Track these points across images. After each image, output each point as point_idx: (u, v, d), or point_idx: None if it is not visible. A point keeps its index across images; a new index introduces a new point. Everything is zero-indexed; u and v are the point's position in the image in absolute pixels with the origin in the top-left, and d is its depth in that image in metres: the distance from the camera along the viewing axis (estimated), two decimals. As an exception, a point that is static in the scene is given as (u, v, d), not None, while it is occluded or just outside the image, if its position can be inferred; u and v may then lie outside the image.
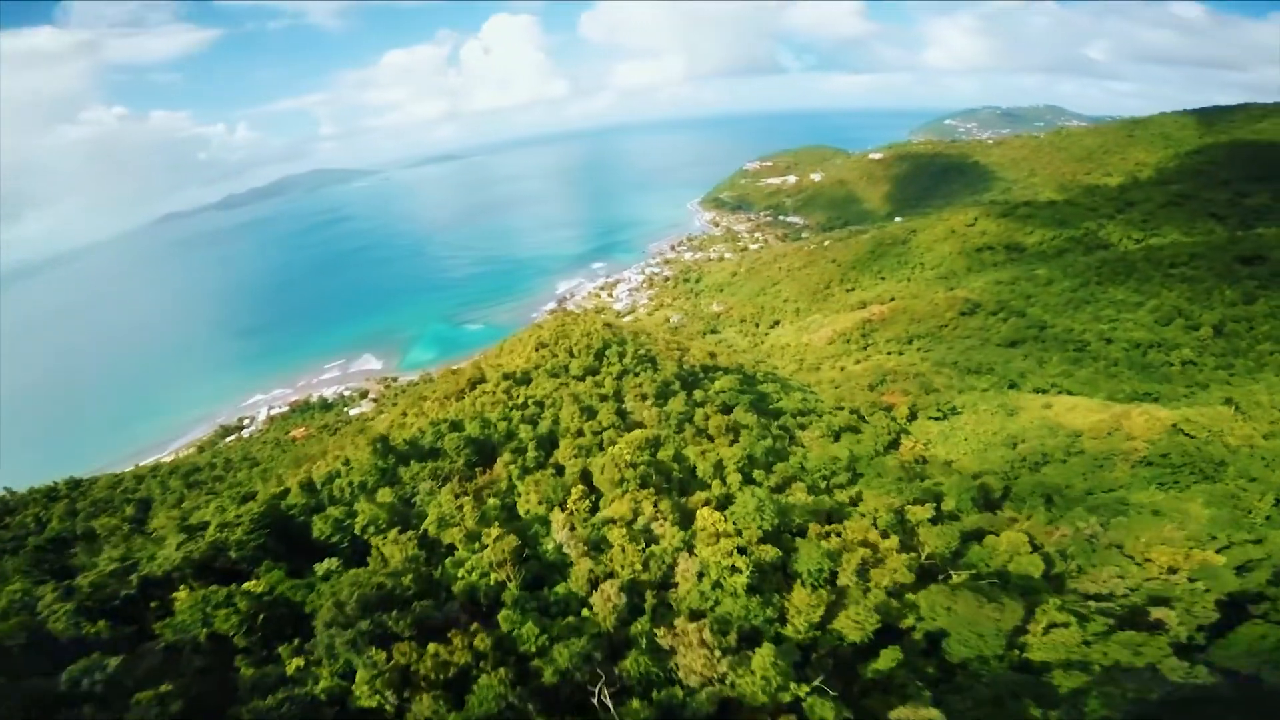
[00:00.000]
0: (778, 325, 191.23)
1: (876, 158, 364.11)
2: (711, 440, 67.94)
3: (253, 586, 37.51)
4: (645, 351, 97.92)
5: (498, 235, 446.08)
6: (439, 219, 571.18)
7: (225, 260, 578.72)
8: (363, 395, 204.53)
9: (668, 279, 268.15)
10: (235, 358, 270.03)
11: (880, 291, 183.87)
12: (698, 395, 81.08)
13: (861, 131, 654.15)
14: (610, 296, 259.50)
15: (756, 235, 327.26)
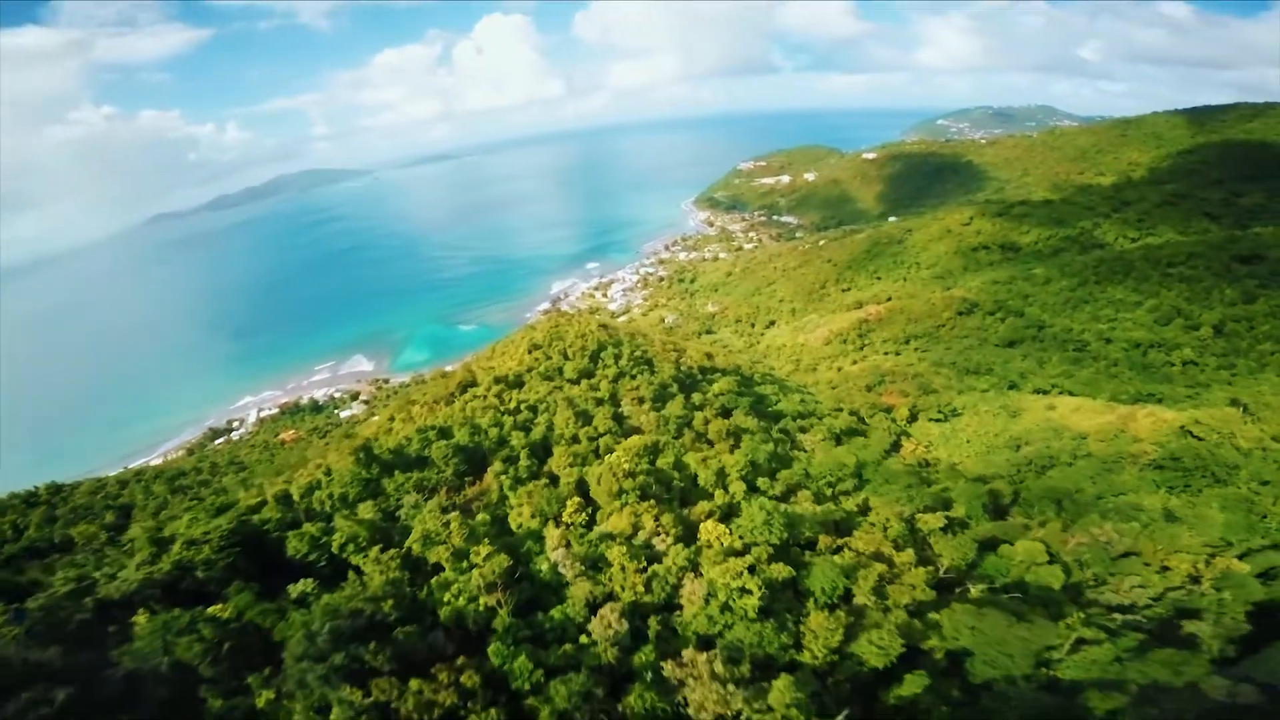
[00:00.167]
0: (773, 325, 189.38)
1: (870, 157, 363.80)
2: (712, 445, 65.48)
3: (219, 611, 34.48)
4: (641, 353, 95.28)
5: (492, 235, 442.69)
6: (433, 219, 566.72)
7: (216, 261, 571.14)
8: (354, 397, 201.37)
9: (662, 279, 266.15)
10: (226, 359, 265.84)
11: (876, 291, 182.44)
12: (696, 398, 78.73)
13: (855, 131, 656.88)
14: (605, 297, 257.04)
15: (751, 235, 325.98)
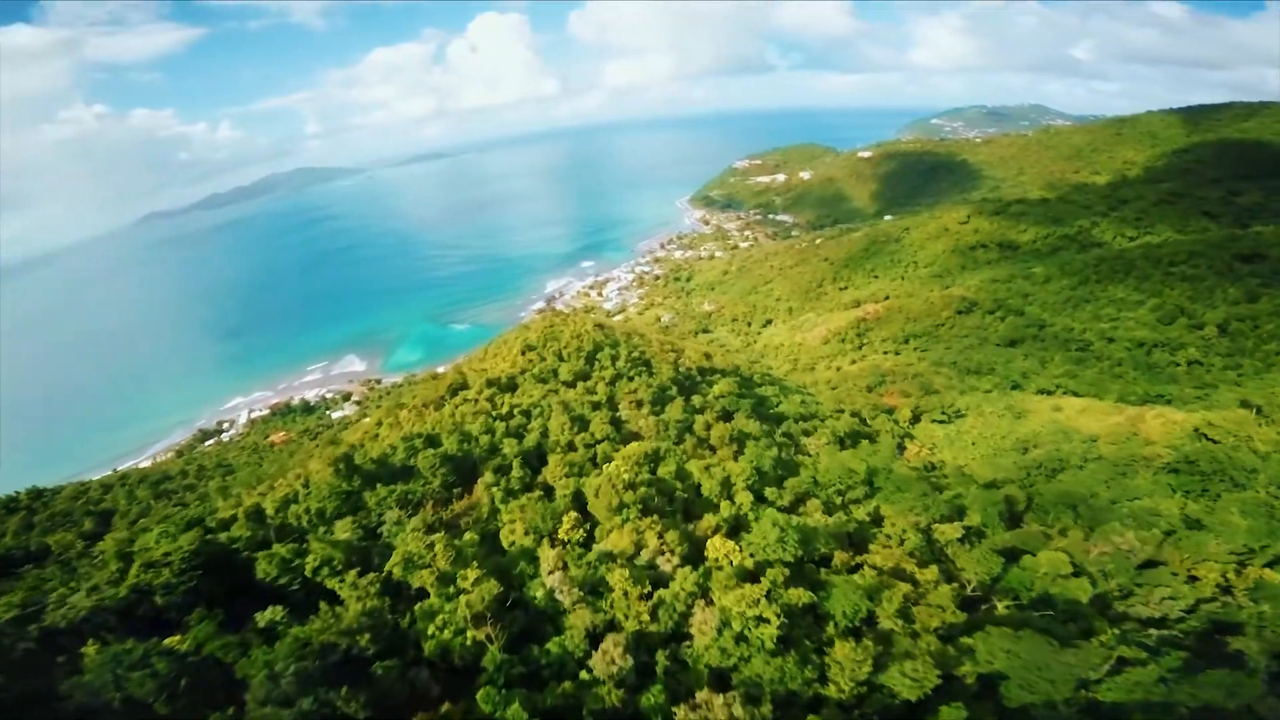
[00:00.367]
0: (770, 324, 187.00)
1: (865, 156, 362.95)
2: (714, 451, 62.61)
3: (176, 643, 30.97)
4: (639, 354, 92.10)
5: (486, 234, 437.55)
6: (426, 217, 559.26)
7: (208, 260, 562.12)
8: (345, 398, 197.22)
9: (658, 278, 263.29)
10: (217, 360, 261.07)
11: (874, 290, 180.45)
12: (696, 400, 75.93)
13: (849, 130, 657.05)
14: (600, 295, 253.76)
15: (746, 233, 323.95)
